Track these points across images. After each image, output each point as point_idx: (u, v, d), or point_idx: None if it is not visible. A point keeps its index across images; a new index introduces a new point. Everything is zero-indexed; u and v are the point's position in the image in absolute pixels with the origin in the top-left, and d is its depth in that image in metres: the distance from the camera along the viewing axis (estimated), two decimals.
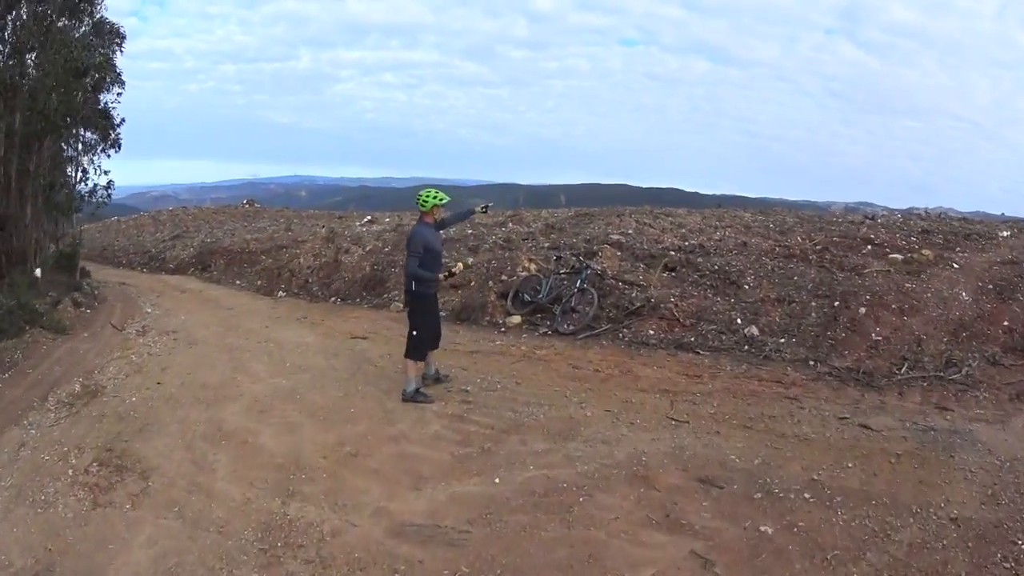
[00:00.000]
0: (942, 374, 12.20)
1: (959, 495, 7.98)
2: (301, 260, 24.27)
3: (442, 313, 15.41)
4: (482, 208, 12.27)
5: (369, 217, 31.38)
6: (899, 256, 17.50)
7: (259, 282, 24.83)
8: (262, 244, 28.31)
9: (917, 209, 34.18)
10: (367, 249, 22.96)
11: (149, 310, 20.16)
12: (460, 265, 11.78)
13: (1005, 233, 20.84)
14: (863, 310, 14.23)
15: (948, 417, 10.44)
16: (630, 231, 21.07)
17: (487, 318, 16.92)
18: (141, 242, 38.27)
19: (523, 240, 21.54)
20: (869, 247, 18.72)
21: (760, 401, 11.21)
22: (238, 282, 25.95)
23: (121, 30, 23.71)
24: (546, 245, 20.57)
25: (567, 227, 22.95)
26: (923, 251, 17.80)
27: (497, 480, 8.52)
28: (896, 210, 35.70)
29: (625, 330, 15.32)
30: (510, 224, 24.52)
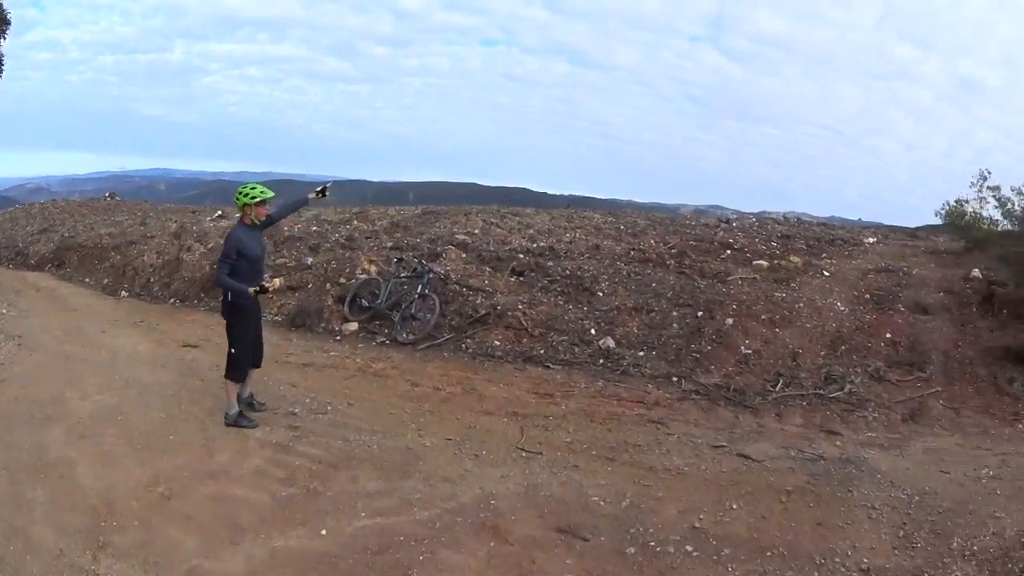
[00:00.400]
0: (822, 392, 11.22)
1: (867, 539, 6.97)
2: (145, 258, 22.17)
3: (276, 318, 14.36)
4: (319, 191, 10.44)
5: (220, 212, 29.52)
6: (764, 263, 16.88)
7: (106, 280, 22.60)
8: (114, 239, 25.90)
9: (770, 213, 34.00)
10: (209, 247, 20.92)
11: (4, 311, 18.09)
12: (277, 281, 10.08)
13: (871, 239, 20.86)
14: (730, 321, 13.27)
15: (838, 443, 9.43)
16: (476, 231, 20.01)
17: (323, 324, 15.12)
18: (13, 236, 35.84)
19: (366, 239, 19.99)
20: (729, 252, 18.13)
21: (621, 426, 9.96)
22: (87, 280, 23.58)
23: (8, 15, 21.71)
24: (389, 245, 19.04)
25: (412, 226, 21.47)
26: (791, 258, 17.24)
27: (324, 531, 7.11)
28: (749, 214, 35.48)
29: (468, 340, 13.83)
30: (355, 222, 22.78)
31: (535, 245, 18.47)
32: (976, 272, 16.38)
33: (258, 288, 9.26)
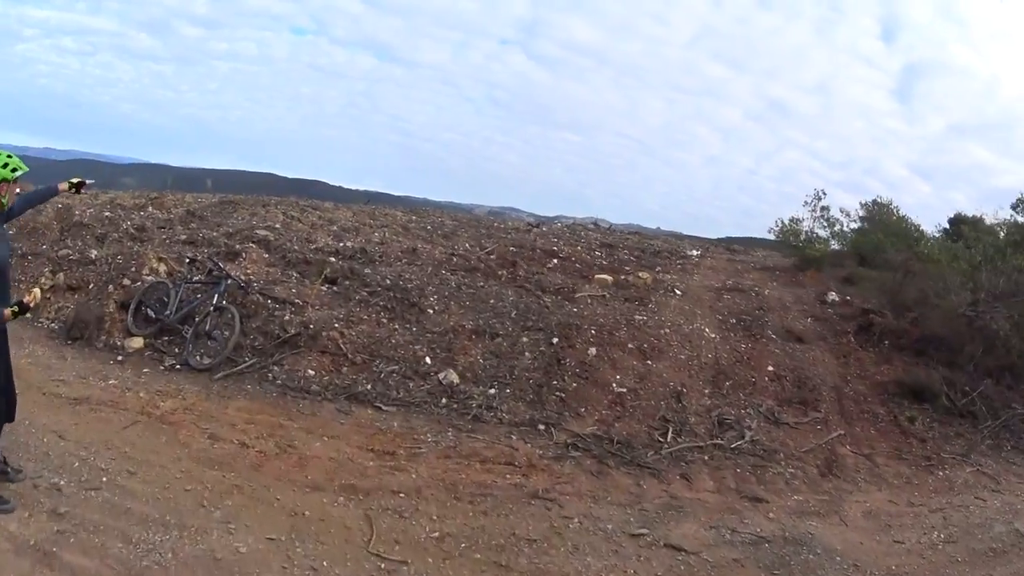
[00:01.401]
0: (721, 441, 9.32)
1: None
2: None
3: (53, 325, 11.31)
4: (73, 184, 7.16)
5: (19, 190, 25.33)
6: (608, 277, 14.44)
7: None
8: None
9: (567, 217, 32.52)
10: None
11: None
12: (36, 292, 6.23)
13: (695, 252, 19.82)
14: (593, 351, 10.74)
15: (770, 514, 7.72)
16: (278, 225, 16.57)
17: (104, 337, 10.95)
18: None
19: (159, 229, 15.64)
20: (555, 261, 15.71)
21: (499, 505, 7.28)
22: None
23: None
24: (183, 238, 14.92)
25: (209, 216, 17.50)
26: (639, 273, 14.96)
27: None
28: (547, 217, 34.02)
29: (276, 368, 10.26)
30: (150, 208, 18.24)
31: (343, 245, 15.40)
32: (833, 296, 15.03)
33: (16, 307, 5.85)
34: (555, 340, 10.84)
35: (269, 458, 7.81)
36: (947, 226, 20.19)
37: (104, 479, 6.80)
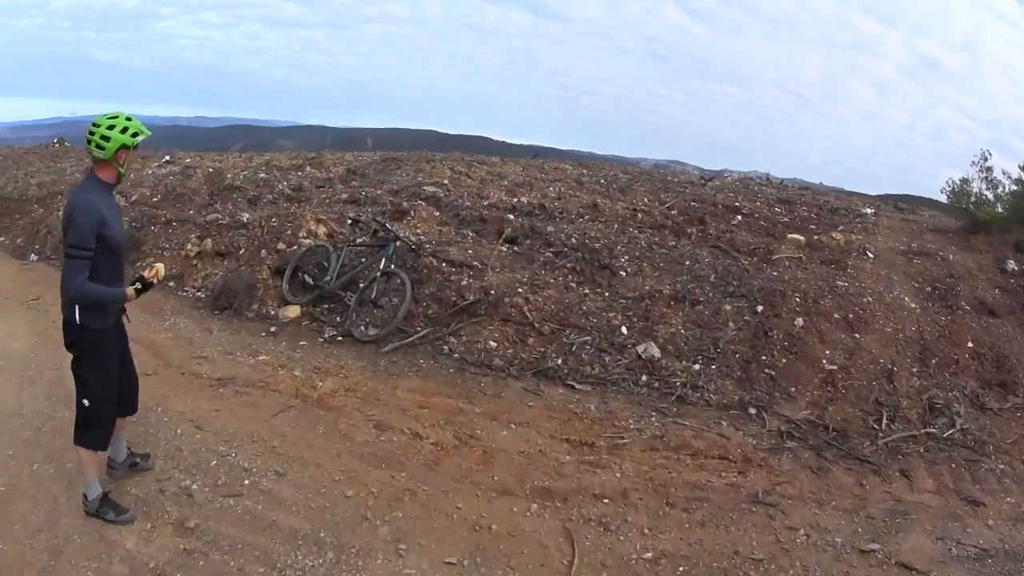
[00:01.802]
0: (933, 430, 8.02)
1: None
2: (60, 213, 16.33)
3: (198, 294, 10.57)
4: (137, 292, 5.09)
5: (167, 157, 24.91)
6: (801, 238, 12.69)
7: (19, 240, 16.98)
8: (42, 190, 20.58)
9: (732, 171, 31.21)
10: (132, 199, 15.05)
11: None
12: (159, 267, 5.30)
13: (869, 210, 17.20)
14: (800, 321, 9.29)
15: (989, 521, 6.61)
16: (446, 181, 15.18)
17: (255, 307, 10.16)
18: None
19: (317, 188, 14.78)
20: (739, 217, 13.80)
21: (717, 513, 6.12)
22: (2, 239, 18.24)
23: None
24: (344, 197, 13.76)
25: (371, 173, 16.57)
26: (833, 234, 13.12)
27: None
28: (714, 171, 32.67)
29: (453, 339, 9.12)
30: (308, 168, 17.61)
31: (519, 201, 13.87)
32: (1012, 264, 13.12)
33: (139, 283, 5.04)
34: (759, 308, 9.53)
35: (447, 452, 6.76)
36: None
37: (246, 482, 5.88)
